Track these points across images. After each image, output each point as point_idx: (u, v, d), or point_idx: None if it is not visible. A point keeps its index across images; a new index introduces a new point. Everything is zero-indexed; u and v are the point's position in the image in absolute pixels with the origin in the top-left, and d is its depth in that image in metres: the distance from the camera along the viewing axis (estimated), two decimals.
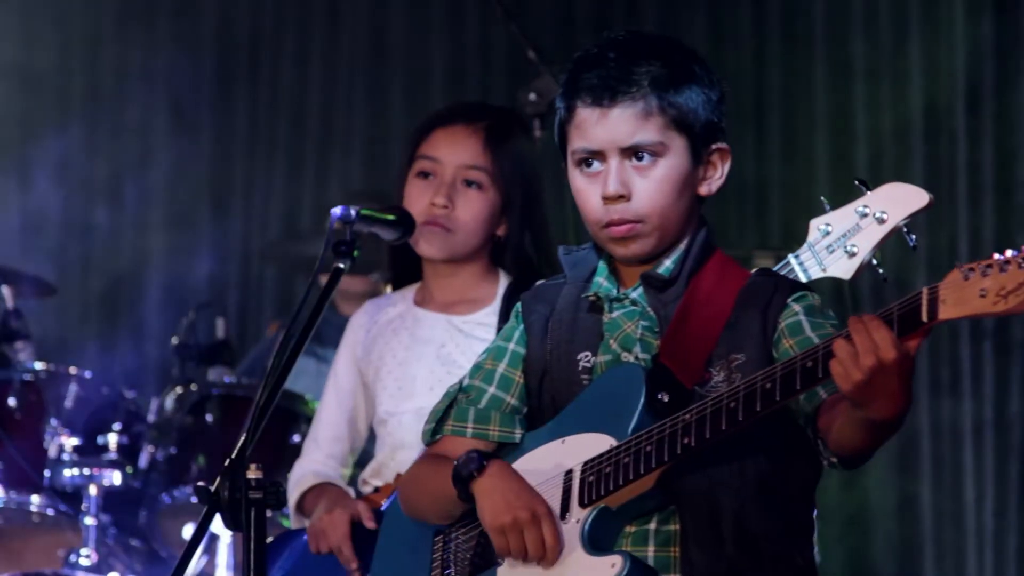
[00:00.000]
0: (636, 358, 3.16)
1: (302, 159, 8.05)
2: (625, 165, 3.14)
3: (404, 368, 3.99)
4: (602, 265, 3.26)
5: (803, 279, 3.70)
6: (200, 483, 3.04)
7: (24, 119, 7.90)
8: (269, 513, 3.02)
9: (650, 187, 3.14)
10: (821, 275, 3.72)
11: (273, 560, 3.94)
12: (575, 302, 3.26)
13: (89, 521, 5.68)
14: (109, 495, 5.74)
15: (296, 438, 5.76)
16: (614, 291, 3.22)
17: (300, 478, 4.08)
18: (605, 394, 3.16)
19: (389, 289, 4.17)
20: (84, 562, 5.64)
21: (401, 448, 3.94)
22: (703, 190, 3.21)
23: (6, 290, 5.98)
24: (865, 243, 3.67)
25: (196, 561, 5.66)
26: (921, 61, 7.22)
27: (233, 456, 2.99)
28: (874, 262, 3.69)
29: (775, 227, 7.41)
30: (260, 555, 2.96)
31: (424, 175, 3.97)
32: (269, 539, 4.05)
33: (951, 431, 7.16)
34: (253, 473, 2.98)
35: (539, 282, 3.41)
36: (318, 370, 6.38)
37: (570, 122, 3.19)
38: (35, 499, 5.74)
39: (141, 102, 8.03)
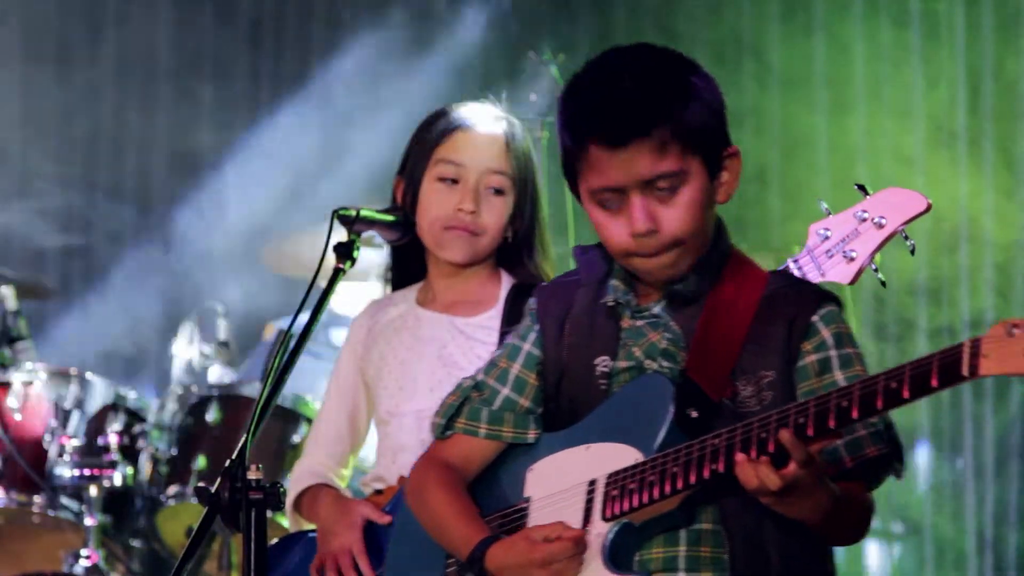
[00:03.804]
0: (660, 366, 3.14)
1: (301, 159, 8.06)
2: (648, 197, 3.10)
3: (405, 368, 3.99)
4: (617, 268, 3.23)
5: None
6: (200, 484, 3.05)
7: (26, 112, 7.91)
8: (269, 514, 3.02)
9: (678, 214, 3.10)
10: (820, 280, 3.69)
11: (279, 563, 3.94)
12: (591, 304, 3.25)
13: (89, 521, 5.69)
14: (109, 495, 5.75)
15: (296, 438, 5.76)
16: (634, 302, 3.20)
17: (298, 478, 4.08)
18: (632, 404, 3.12)
19: (389, 289, 4.17)
20: (84, 562, 5.65)
21: (402, 451, 3.93)
22: (721, 197, 3.19)
23: (7, 291, 5.98)
24: (864, 248, 3.66)
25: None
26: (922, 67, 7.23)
27: (233, 457, 2.99)
28: (873, 267, 3.68)
29: (775, 226, 7.41)
30: (260, 556, 2.97)
31: (446, 180, 3.96)
32: (274, 540, 4.06)
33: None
34: (253, 474, 2.99)
35: (554, 278, 3.39)
36: (317, 369, 6.39)
37: (581, 159, 3.13)
38: (36, 499, 5.74)
39: (141, 103, 8.05)
